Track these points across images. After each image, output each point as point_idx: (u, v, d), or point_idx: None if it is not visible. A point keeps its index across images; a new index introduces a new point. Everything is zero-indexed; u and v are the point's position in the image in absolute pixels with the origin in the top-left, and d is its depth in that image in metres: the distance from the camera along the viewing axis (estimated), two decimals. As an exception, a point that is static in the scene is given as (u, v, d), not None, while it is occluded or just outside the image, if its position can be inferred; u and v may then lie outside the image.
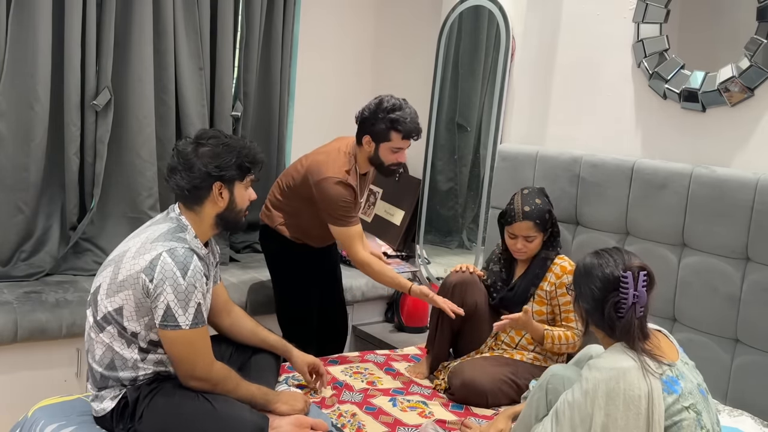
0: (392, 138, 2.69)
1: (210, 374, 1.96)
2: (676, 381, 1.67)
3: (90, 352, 2.00)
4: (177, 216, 2.02)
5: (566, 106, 3.07)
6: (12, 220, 3.10)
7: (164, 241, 1.92)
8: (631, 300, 1.68)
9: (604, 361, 1.69)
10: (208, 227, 2.05)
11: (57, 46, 3.07)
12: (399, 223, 3.93)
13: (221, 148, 1.99)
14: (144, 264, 1.88)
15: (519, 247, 2.58)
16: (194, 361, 1.94)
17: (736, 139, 2.47)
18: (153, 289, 1.86)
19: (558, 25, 3.08)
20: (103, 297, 1.94)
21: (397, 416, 2.30)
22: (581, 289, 1.78)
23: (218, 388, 1.98)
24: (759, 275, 2.27)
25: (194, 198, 2.01)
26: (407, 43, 4.06)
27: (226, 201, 2.02)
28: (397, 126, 2.66)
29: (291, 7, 3.72)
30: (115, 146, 3.29)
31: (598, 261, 1.75)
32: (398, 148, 2.71)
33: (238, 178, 2.02)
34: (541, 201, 2.58)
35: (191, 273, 1.88)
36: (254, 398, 2.06)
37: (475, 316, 2.64)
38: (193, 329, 1.90)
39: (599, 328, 1.77)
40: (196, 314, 1.90)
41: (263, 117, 3.79)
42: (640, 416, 1.62)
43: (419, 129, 2.73)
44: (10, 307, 2.78)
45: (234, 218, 2.06)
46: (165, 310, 1.87)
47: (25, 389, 2.68)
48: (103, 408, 1.97)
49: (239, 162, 2.00)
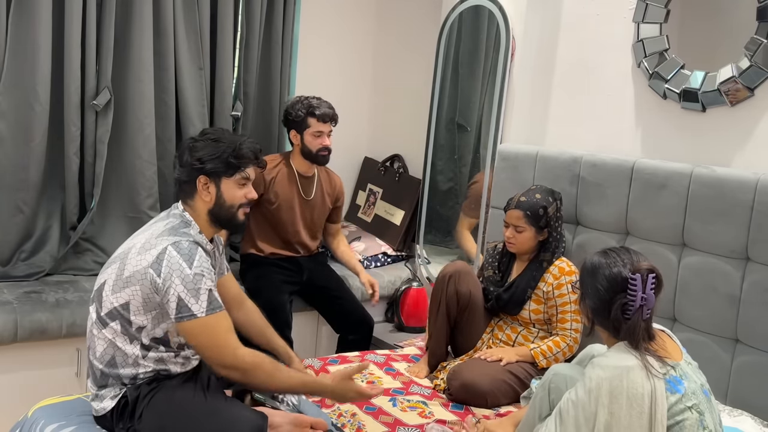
0: (311, 123, 3.11)
1: (236, 360, 1.89)
2: (679, 381, 1.67)
3: (91, 349, 2.00)
4: (180, 212, 2.02)
5: (566, 106, 3.07)
6: (12, 220, 3.10)
7: (169, 235, 1.92)
8: (638, 303, 1.68)
9: (607, 360, 1.69)
10: (205, 223, 2.04)
11: (57, 46, 3.07)
12: (399, 223, 3.93)
13: (208, 143, 2.00)
14: (151, 259, 1.88)
15: (508, 236, 2.61)
16: (217, 348, 1.89)
17: (736, 139, 2.47)
18: (162, 284, 1.86)
19: (558, 25, 3.08)
20: (109, 293, 1.93)
21: (397, 416, 2.30)
22: (587, 288, 1.78)
23: (249, 377, 1.92)
24: (759, 275, 2.27)
25: (185, 192, 2.03)
26: (407, 43, 4.06)
27: (213, 196, 2.01)
28: (312, 111, 3.09)
29: (291, 7, 3.71)
30: (115, 146, 3.28)
31: (606, 260, 1.75)
32: (319, 132, 3.11)
33: (223, 173, 2.00)
34: (541, 197, 2.59)
35: (197, 262, 1.88)
36: (295, 390, 2.03)
37: (471, 306, 2.65)
38: (210, 315, 1.87)
39: (603, 327, 1.77)
40: (209, 300, 1.87)
41: (263, 117, 3.79)
42: (643, 415, 1.62)
43: (334, 114, 3.16)
44: (10, 307, 2.77)
45: (226, 215, 2.03)
46: (177, 303, 1.85)
47: (25, 389, 2.68)
48: (104, 407, 1.97)
49: (223, 156, 1.98)
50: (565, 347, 2.52)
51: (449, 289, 2.63)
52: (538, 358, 2.51)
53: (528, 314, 2.61)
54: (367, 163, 4.29)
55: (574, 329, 2.54)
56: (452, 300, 2.63)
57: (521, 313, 2.63)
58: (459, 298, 2.63)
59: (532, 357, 2.52)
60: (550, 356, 2.51)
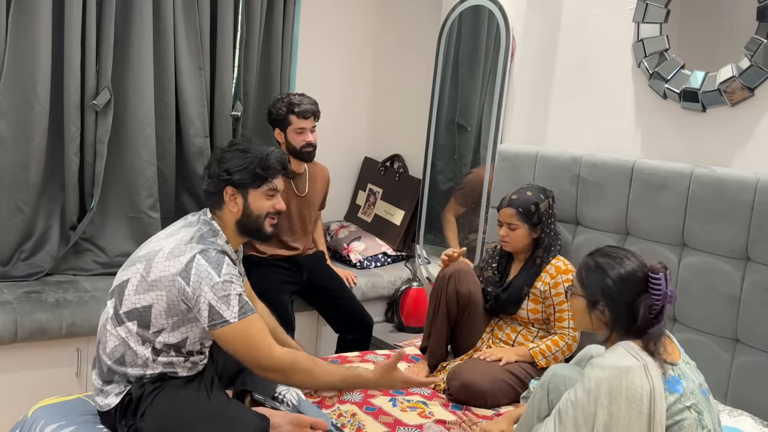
0: (292, 120, 3.09)
1: (273, 362, 1.90)
2: (678, 380, 1.67)
3: (101, 344, 1.99)
4: (209, 220, 2.02)
5: (566, 106, 3.07)
6: (12, 220, 3.10)
7: (197, 243, 1.92)
8: (665, 300, 1.67)
9: (606, 360, 1.69)
10: (233, 233, 2.04)
11: (57, 46, 3.07)
12: (399, 223, 3.94)
13: (236, 153, 1.99)
14: (180, 267, 1.88)
15: (502, 234, 2.62)
16: (254, 352, 1.90)
17: (736, 139, 2.47)
18: (192, 293, 1.86)
19: (558, 25, 3.08)
20: (132, 293, 1.93)
21: (397, 416, 2.30)
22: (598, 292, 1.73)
23: (289, 377, 1.94)
24: (759, 275, 2.27)
25: (214, 203, 2.03)
26: (407, 43, 4.06)
27: (240, 207, 2.00)
28: (293, 108, 3.07)
29: (291, 7, 3.71)
30: (115, 146, 3.28)
31: (612, 261, 1.73)
32: (301, 128, 3.08)
33: (250, 185, 2.00)
34: (532, 194, 2.61)
35: (225, 269, 1.88)
36: (336, 386, 2.04)
37: (470, 306, 2.65)
38: (243, 319, 1.87)
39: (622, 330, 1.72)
40: (240, 304, 1.88)
41: (263, 117, 3.78)
42: (642, 415, 1.61)
43: (316, 109, 3.13)
44: (10, 307, 2.78)
45: (253, 226, 2.03)
46: (209, 311, 1.86)
47: (25, 389, 2.68)
48: (107, 403, 1.97)
49: (251, 167, 1.98)
50: (564, 346, 2.52)
51: (449, 288, 2.63)
52: (537, 357, 2.51)
53: (526, 314, 2.62)
54: (367, 163, 4.29)
55: (572, 328, 2.54)
56: (452, 300, 2.63)
57: (519, 313, 2.63)
58: (459, 298, 2.63)
59: (531, 357, 2.52)
60: (549, 355, 2.51)
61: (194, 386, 1.98)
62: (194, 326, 1.96)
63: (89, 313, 2.87)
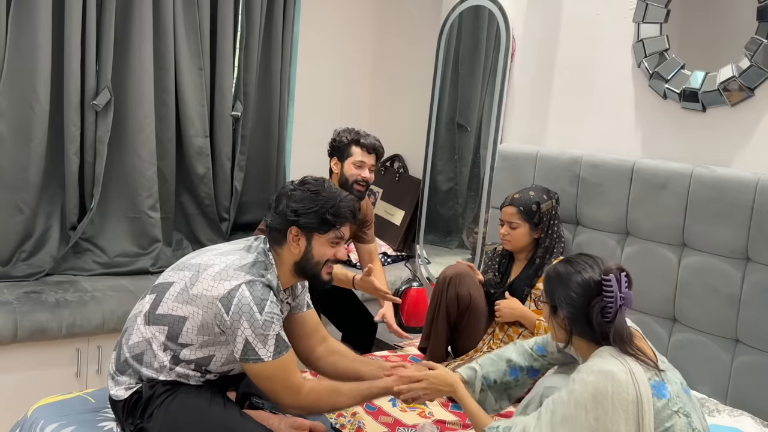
0: (354, 152, 2.94)
1: (299, 402, 1.90)
2: (663, 385, 1.63)
3: (127, 333, 1.98)
4: (266, 250, 1.97)
5: (566, 106, 3.07)
6: (12, 220, 3.10)
7: (247, 273, 1.88)
8: (617, 303, 1.65)
9: (592, 365, 1.65)
10: (287, 272, 1.98)
11: (57, 46, 3.07)
12: (399, 223, 3.94)
13: (308, 194, 1.93)
14: (222, 292, 1.84)
15: (503, 232, 2.63)
16: (281, 391, 1.89)
17: (736, 139, 2.47)
18: (230, 323, 1.83)
19: (558, 25, 3.08)
20: (171, 298, 1.91)
21: (396, 416, 2.30)
22: (559, 299, 1.73)
23: (314, 412, 1.98)
24: (759, 275, 2.27)
25: (275, 239, 1.97)
26: (407, 43, 4.06)
27: (301, 250, 1.94)
28: (358, 140, 2.95)
29: (291, 7, 3.72)
30: (115, 146, 3.29)
31: (573, 268, 1.71)
32: (360, 162, 2.94)
33: (317, 229, 1.93)
34: (535, 194, 2.61)
35: (268, 308, 1.84)
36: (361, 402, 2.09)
37: (471, 309, 2.64)
38: (276, 359, 1.85)
39: (584, 336, 1.71)
40: (276, 344, 1.85)
41: (263, 117, 3.79)
42: (630, 421, 1.57)
43: (380, 147, 2.99)
44: (10, 307, 2.78)
45: (312, 271, 1.98)
46: (244, 345, 1.83)
47: (25, 389, 2.68)
48: (117, 395, 1.96)
49: (321, 212, 1.92)
50: None
51: (449, 292, 2.62)
52: (539, 329, 2.48)
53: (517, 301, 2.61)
54: (367, 163, 4.29)
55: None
56: (452, 303, 2.62)
57: (520, 314, 2.63)
58: (459, 301, 2.62)
59: (534, 327, 2.50)
60: None
61: (207, 396, 1.95)
62: (223, 348, 1.93)
63: (89, 313, 2.87)
